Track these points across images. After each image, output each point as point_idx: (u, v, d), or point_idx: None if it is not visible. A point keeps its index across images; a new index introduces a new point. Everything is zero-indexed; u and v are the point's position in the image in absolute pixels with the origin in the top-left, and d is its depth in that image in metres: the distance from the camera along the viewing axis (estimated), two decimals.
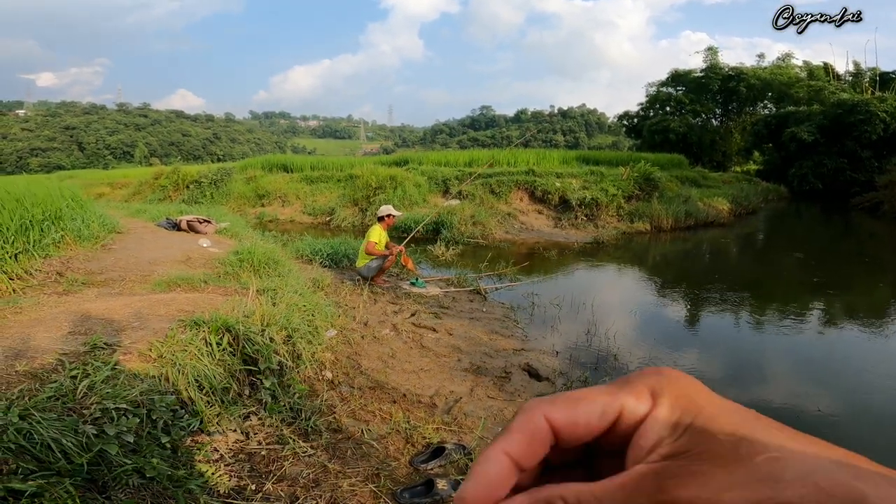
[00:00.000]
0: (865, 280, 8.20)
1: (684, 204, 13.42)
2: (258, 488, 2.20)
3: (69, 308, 3.24)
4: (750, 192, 18.23)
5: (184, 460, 2.02)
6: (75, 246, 4.98)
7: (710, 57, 34.08)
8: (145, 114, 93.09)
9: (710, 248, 11.54)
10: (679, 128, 30.86)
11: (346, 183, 14.84)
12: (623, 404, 0.25)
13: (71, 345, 2.52)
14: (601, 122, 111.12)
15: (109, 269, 4.58)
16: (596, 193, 12.77)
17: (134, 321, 3.04)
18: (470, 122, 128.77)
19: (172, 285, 4.13)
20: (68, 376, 2.12)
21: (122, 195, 17.17)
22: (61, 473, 1.48)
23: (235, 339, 3.02)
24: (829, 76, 30.42)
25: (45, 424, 1.62)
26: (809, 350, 5.08)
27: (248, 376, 3.01)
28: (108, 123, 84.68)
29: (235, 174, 16.63)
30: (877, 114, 21.18)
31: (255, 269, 4.99)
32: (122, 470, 1.65)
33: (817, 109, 24.45)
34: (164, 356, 2.61)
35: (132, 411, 1.99)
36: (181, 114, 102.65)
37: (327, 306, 4.56)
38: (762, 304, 6.68)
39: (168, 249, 5.75)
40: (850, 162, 21.58)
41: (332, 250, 7.57)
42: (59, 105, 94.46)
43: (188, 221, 7.50)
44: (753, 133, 28.45)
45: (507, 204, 12.90)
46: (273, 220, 14.07)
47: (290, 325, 3.44)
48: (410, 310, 5.42)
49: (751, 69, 32.51)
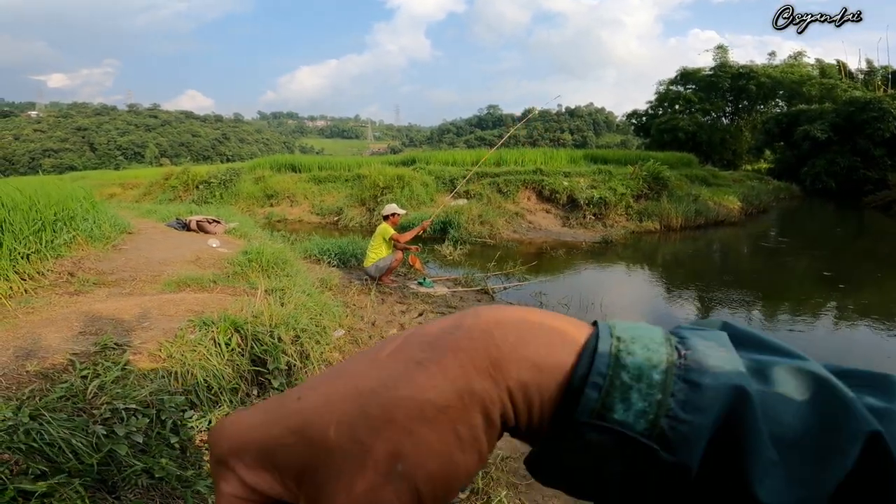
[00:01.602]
0: (881, 280, 8.07)
1: (694, 203, 13.29)
2: None
3: (80, 308, 3.27)
4: (761, 190, 18.03)
5: (193, 460, 2.02)
6: (87, 246, 5.02)
7: (720, 55, 33.83)
8: (155, 114, 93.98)
9: (721, 248, 11.43)
10: (688, 126, 30.63)
11: (354, 183, 14.87)
12: None
13: (82, 345, 2.54)
14: (609, 120, 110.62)
15: (120, 269, 4.61)
16: (604, 192, 12.69)
17: (144, 321, 3.05)
18: (477, 121, 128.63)
19: (182, 285, 4.15)
20: (79, 376, 2.13)
21: (132, 195, 17.33)
22: (71, 474, 1.49)
23: (244, 339, 3.02)
24: (842, 74, 30.07)
25: (56, 425, 1.63)
26: (824, 352, 5.01)
27: (257, 376, 3.01)
28: (119, 124, 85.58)
29: (244, 174, 16.72)
30: (890, 111, 20.92)
31: (263, 269, 5.01)
32: (132, 470, 1.65)
33: (829, 107, 24.19)
34: (173, 356, 2.62)
35: (142, 411, 2.00)
36: (190, 114, 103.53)
37: (335, 306, 4.57)
38: (773, 305, 6.60)
39: (178, 249, 5.79)
40: (863, 160, 21.30)
41: (340, 250, 7.59)
42: (71, 106, 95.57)
43: (198, 221, 7.55)
44: (764, 131, 28.17)
45: (515, 203, 12.86)
46: (281, 220, 14.13)
47: (298, 325, 3.44)
48: (418, 310, 5.42)
49: (761, 67, 32.23)
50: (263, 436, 0.24)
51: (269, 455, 0.24)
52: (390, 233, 6.27)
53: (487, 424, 0.23)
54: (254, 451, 0.24)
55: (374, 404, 0.23)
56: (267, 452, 0.24)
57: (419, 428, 0.22)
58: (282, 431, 0.24)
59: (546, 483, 0.26)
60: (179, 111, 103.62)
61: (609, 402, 0.22)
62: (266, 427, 0.24)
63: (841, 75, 29.96)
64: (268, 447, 0.24)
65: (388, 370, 0.24)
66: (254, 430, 0.24)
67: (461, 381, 0.23)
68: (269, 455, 0.24)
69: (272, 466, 0.24)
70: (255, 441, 0.24)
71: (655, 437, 0.22)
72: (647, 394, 0.22)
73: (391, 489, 0.22)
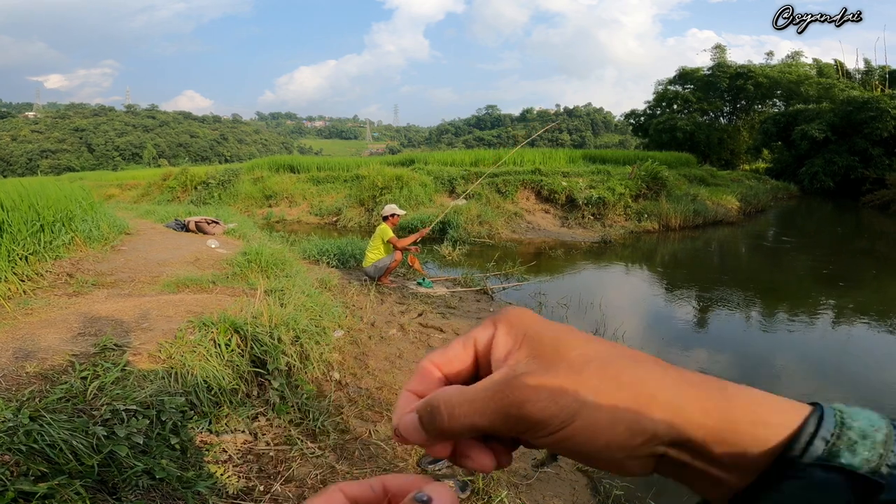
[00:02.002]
0: (877, 279, 8.09)
1: (693, 202, 13.30)
2: (266, 489, 2.20)
3: (79, 309, 3.26)
4: (759, 190, 18.06)
5: (193, 461, 2.02)
6: (85, 247, 5.02)
7: (719, 55, 33.86)
8: (153, 115, 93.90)
9: (720, 247, 11.44)
10: (686, 126, 30.66)
11: (353, 183, 14.87)
12: (475, 336, 0.34)
13: (81, 346, 2.54)
14: (607, 120, 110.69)
15: (119, 270, 4.61)
16: (603, 192, 12.70)
17: (143, 322, 3.05)
18: (476, 121, 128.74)
19: (181, 286, 4.15)
20: (78, 377, 2.13)
21: (131, 196, 17.32)
22: (72, 475, 1.48)
23: (244, 340, 3.02)
24: (840, 73, 30.12)
25: (56, 426, 1.63)
26: (821, 350, 5.02)
27: (257, 377, 3.01)
28: (117, 125, 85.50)
29: (243, 175, 16.70)
30: (887, 111, 20.95)
31: (262, 270, 5.01)
32: (132, 471, 1.65)
33: (827, 107, 24.21)
34: (173, 357, 2.62)
35: (142, 412, 2.00)
36: (189, 115, 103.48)
37: (334, 307, 4.56)
38: (773, 304, 6.61)
39: (177, 250, 5.78)
40: (861, 159, 21.33)
41: (339, 251, 7.58)
42: (69, 107, 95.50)
43: (196, 222, 7.55)
44: (762, 131, 28.18)
45: (514, 203, 12.86)
46: (280, 221, 14.12)
47: (297, 326, 3.44)
48: (417, 310, 5.42)
49: (759, 67, 32.24)
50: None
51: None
52: (389, 235, 6.26)
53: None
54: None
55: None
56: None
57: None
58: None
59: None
60: (177, 112, 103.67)
61: (835, 450, 0.27)
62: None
63: (839, 75, 30.00)
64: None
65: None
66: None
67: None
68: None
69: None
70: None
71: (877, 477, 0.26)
72: (871, 447, 0.27)
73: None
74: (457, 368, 0.34)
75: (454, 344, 0.35)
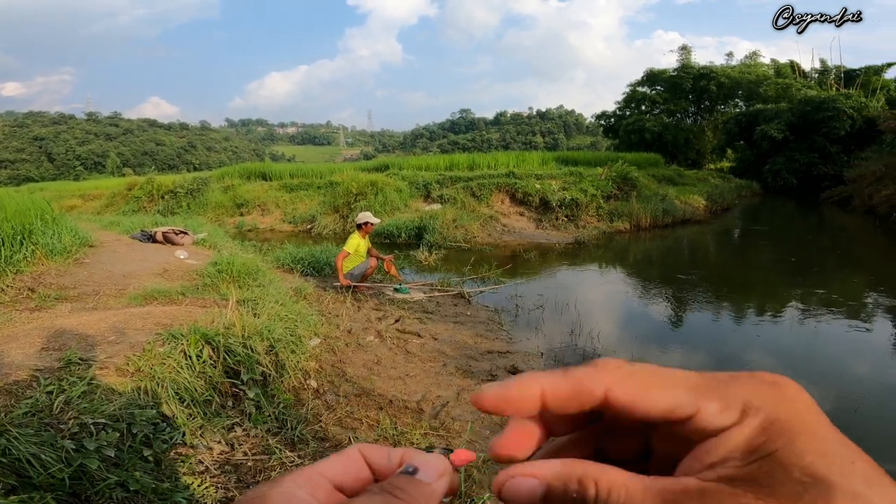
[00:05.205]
0: (839, 273, 8.45)
1: (662, 202, 13.65)
2: None
3: (42, 324, 3.16)
4: (724, 189, 18.65)
5: (168, 473, 1.98)
6: (47, 261, 4.85)
7: (684, 56, 34.84)
8: (116, 123, 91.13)
9: (689, 245, 11.77)
10: (654, 127, 31.41)
11: (327, 190, 14.74)
12: (701, 408, 0.22)
13: (45, 361, 2.46)
14: (579, 122, 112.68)
15: (83, 283, 4.47)
16: (575, 194, 12.92)
17: (110, 335, 2.97)
18: (450, 125, 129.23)
19: (149, 298, 4.06)
20: (44, 392, 2.07)
21: (94, 207, 16.76)
22: (43, 488, 1.45)
23: (216, 351, 2.98)
24: (796, 73, 31.33)
25: (23, 440, 1.58)
26: (790, 343, 5.21)
27: (231, 387, 2.97)
28: (78, 133, 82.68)
29: (212, 183, 16.37)
30: (844, 110, 21.87)
31: (234, 280, 4.93)
32: (105, 484, 1.61)
33: (785, 107, 25.13)
34: (142, 370, 2.56)
35: (111, 425, 1.95)
36: (154, 122, 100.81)
37: (310, 315, 4.52)
38: (742, 299, 6.83)
39: (144, 262, 5.64)
40: (821, 157, 22.21)
41: (314, 259, 7.50)
42: (27, 115, 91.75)
43: (164, 233, 7.37)
44: (725, 131, 29.12)
45: (489, 207, 12.96)
46: (253, 230, 13.89)
47: (272, 336, 3.40)
48: (395, 316, 5.41)
49: (720, 68, 33.29)
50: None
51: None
52: (349, 245, 6.19)
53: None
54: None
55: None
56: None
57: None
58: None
59: None
60: (142, 119, 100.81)
61: None
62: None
63: (795, 75, 31.19)
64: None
65: None
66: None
67: None
68: None
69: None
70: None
71: None
72: None
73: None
74: (634, 419, 0.23)
75: (663, 387, 0.23)
